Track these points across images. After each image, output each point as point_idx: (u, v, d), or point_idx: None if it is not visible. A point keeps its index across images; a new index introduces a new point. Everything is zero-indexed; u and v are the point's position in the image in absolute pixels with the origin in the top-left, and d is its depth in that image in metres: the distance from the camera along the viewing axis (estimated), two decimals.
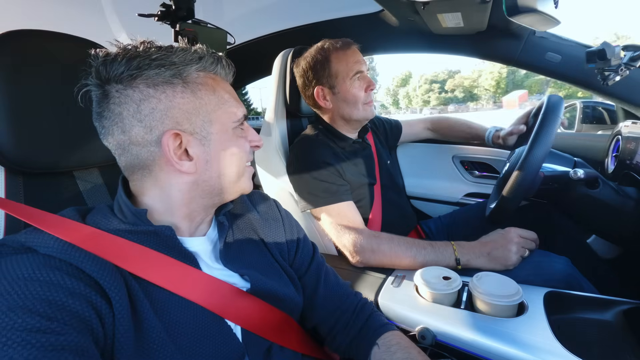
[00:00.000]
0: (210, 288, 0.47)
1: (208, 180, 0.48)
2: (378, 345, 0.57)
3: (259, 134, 1.10)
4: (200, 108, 0.46)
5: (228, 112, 0.49)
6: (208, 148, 0.47)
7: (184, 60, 0.45)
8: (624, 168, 0.85)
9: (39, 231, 0.40)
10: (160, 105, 0.44)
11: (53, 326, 0.33)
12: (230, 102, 0.49)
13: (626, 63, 0.79)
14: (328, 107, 0.99)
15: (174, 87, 0.44)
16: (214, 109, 0.47)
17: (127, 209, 0.46)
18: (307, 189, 0.94)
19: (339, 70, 0.95)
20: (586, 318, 0.63)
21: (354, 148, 1.05)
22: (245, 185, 0.54)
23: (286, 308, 0.56)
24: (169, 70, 0.44)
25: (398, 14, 1.14)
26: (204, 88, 0.47)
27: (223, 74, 0.51)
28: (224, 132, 0.48)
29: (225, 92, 0.49)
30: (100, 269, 0.39)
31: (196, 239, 0.51)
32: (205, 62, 0.47)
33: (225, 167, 0.49)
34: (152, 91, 0.43)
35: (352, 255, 0.87)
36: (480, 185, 1.40)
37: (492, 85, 29.87)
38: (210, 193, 0.50)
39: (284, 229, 0.63)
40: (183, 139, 0.45)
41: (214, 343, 0.45)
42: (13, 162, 0.51)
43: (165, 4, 1.14)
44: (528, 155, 0.71)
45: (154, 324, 0.41)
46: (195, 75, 0.46)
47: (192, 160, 0.46)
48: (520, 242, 0.80)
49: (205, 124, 0.47)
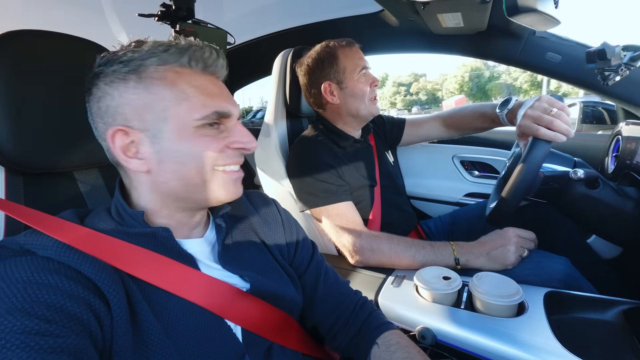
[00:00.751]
0: (210, 288, 0.47)
1: (166, 182, 0.46)
2: (378, 345, 0.57)
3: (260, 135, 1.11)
4: (154, 104, 0.43)
5: (189, 108, 0.44)
6: (159, 147, 0.44)
7: (143, 55, 0.43)
8: (624, 168, 0.85)
9: (38, 233, 0.40)
10: (113, 102, 0.43)
11: (52, 329, 0.33)
12: (196, 97, 0.44)
13: (626, 63, 0.79)
14: (335, 102, 0.99)
15: (126, 83, 0.43)
16: (171, 105, 0.44)
17: (124, 211, 0.46)
18: (307, 189, 0.94)
19: (346, 66, 0.97)
20: (586, 318, 0.63)
21: (355, 148, 1.05)
22: (219, 193, 0.48)
23: (286, 307, 0.56)
24: (126, 66, 0.43)
25: (398, 14, 1.14)
26: (160, 83, 0.43)
27: (199, 68, 0.47)
28: (181, 131, 0.44)
29: (191, 87, 0.45)
30: (99, 271, 0.39)
31: (193, 240, 0.51)
32: (169, 55, 0.44)
33: (181, 170, 0.45)
34: (108, 88, 0.43)
35: (352, 255, 0.87)
36: (480, 185, 1.40)
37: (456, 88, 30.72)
38: (174, 196, 0.47)
39: (284, 229, 0.63)
40: (133, 137, 0.44)
41: (213, 344, 0.45)
42: (13, 162, 0.51)
43: (165, 4, 1.15)
44: (527, 156, 0.71)
45: (152, 326, 0.41)
46: (152, 69, 0.44)
47: (143, 159, 0.44)
48: (518, 241, 0.80)
49: (159, 121, 0.43)
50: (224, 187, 0.48)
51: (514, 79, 28.85)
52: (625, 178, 0.84)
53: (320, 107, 1.05)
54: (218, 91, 0.47)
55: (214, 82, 0.48)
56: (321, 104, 1.03)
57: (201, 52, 0.46)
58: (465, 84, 30.96)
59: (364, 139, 1.09)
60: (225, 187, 0.48)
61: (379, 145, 1.17)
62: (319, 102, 1.03)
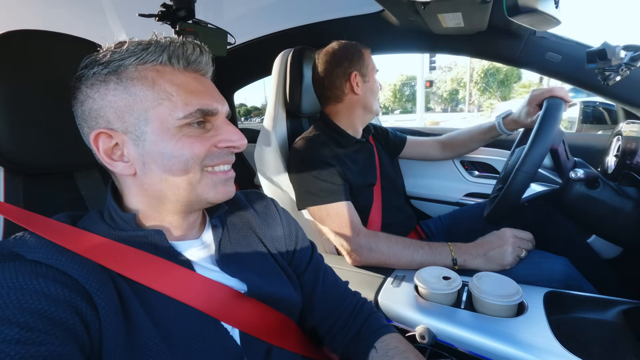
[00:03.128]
0: (205, 291, 0.46)
1: (152, 184, 0.44)
2: (376, 349, 0.56)
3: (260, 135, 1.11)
4: (135, 105, 0.42)
5: (171, 107, 0.42)
6: (142, 149, 0.43)
7: (122, 55, 0.42)
8: (624, 168, 0.85)
9: (28, 236, 0.40)
10: (95, 105, 0.43)
11: (34, 336, 0.32)
12: (178, 96, 0.43)
13: (627, 63, 0.79)
14: (358, 93, 1.01)
15: (107, 84, 0.42)
16: (152, 105, 0.42)
17: (116, 213, 0.45)
18: (307, 187, 0.94)
19: (369, 63, 1.03)
20: (586, 318, 0.63)
21: (356, 148, 1.05)
22: (209, 194, 0.47)
23: (285, 309, 0.55)
24: (105, 68, 0.42)
25: (398, 14, 1.14)
26: (139, 83, 0.42)
27: (181, 65, 0.45)
28: (163, 131, 0.43)
29: (173, 85, 0.43)
30: (88, 273, 0.38)
31: (189, 242, 0.50)
32: (148, 53, 0.43)
33: (167, 172, 0.44)
34: (90, 91, 0.43)
35: (350, 254, 0.87)
36: (480, 185, 1.40)
37: (390, 96, 31.62)
38: (162, 199, 0.46)
39: (282, 228, 0.63)
40: (117, 139, 0.43)
41: (210, 347, 0.44)
42: (12, 163, 0.51)
43: (165, 4, 1.15)
44: (525, 158, 0.72)
45: (147, 328, 0.40)
46: (131, 69, 0.42)
47: (128, 162, 0.44)
48: (516, 242, 0.80)
49: (141, 122, 0.42)
50: (213, 189, 0.47)
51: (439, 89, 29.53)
52: (625, 178, 0.84)
53: (337, 99, 1.03)
54: (202, 88, 0.45)
55: (197, 79, 0.46)
56: (340, 96, 1.02)
57: (182, 48, 0.44)
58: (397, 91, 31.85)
59: (365, 139, 1.09)
60: (215, 189, 0.47)
61: (379, 147, 1.18)
62: (338, 94, 1.02)
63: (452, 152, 1.30)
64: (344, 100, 1.02)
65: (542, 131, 0.72)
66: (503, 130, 1.12)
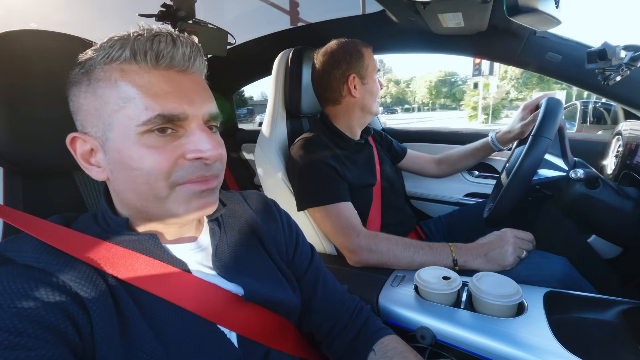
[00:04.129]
0: (201, 294, 0.45)
1: (123, 192, 0.42)
2: (374, 351, 0.56)
3: (259, 135, 1.11)
4: (101, 109, 0.39)
5: (131, 112, 0.38)
6: (109, 156, 0.40)
7: (95, 53, 0.39)
8: (624, 168, 0.85)
9: (19, 239, 0.39)
10: (73, 108, 0.42)
11: (23, 341, 0.31)
12: (138, 99, 0.38)
13: (627, 63, 0.79)
14: (356, 96, 1.00)
15: (79, 86, 0.40)
16: (114, 109, 0.38)
17: (109, 217, 0.44)
18: (306, 188, 0.94)
19: (369, 64, 1.01)
20: (586, 318, 0.63)
21: (355, 149, 1.05)
22: (178, 210, 0.41)
23: (283, 312, 0.54)
24: (82, 68, 0.40)
25: (398, 14, 1.14)
26: (104, 84, 0.39)
27: (148, 61, 0.39)
28: (123, 139, 0.39)
29: (134, 86, 0.38)
30: (79, 276, 0.37)
31: (185, 245, 0.48)
32: (113, 50, 0.38)
33: (131, 183, 0.40)
34: (69, 93, 0.42)
35: (350, 255, 0.87)
36: (480, 185, 1.40)
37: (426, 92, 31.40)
38: (135, 208, 0.43)
39: (283, 230, 0.62)
40: (91, 144, 0.41)
41: (207, 351, 0.43)
42: (12, 163, 0.51)
43: (165, 4, 1.15)
44: (523, 160, 0.72)
45: (143, 331, 0.39)
46: (99, 70, 0.39)
47: (101, 167, 0.42)
48: (516, 243, 0.80)
49: (106, 127, 0.39)
50: (185, 204, 0.41)
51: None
52: (625, 178, 0.84)
53: (335, 101, 1.03)
54: (170, 89, 0.39)
55: (168, 78, 0.40)
56: (338, 98, 1.02)
57: (149, 42, 0.38)
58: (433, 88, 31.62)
59: (365, 140, 1.09)
60: (187, 204, 0.42)
61: (379, 148, 1.18)
62: (336, 96, 1.01)
63: (448, 169, 1.31)
64: (342, 102, 1.02)
65: (544, 123, 0.73)
66: (496, 145, 1.17)
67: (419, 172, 1.33)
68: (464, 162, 1.27)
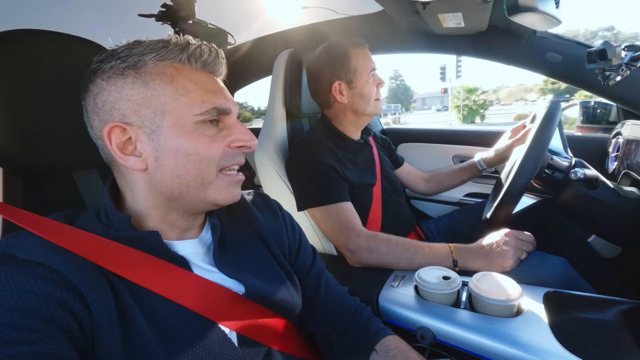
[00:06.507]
0: (202, 292, 0.45)
1: (162, 181, 0.44)
2: (376, 351, 0.56)
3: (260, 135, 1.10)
4: (152, 99, 0.43)
5: (188, 103, 0.43)
6: (157, 143, 0.43)
7: (142, 51, 0.43)
8: (624, 168, 0.85)
9: (21, 235, 0.39)
10: (111, 98, 0.43)
11: (25, 336, 0.32)
12: (195, 93, 0.44)
13: (627, 63, 0.79)
14: (343, 102, 1.00)
15: (124, 78, 0.43)
16: (170, 100, 0.43)
17: (112, 213, 0.45)
18: (306, 189, 0.94)
19: (357, 67, 0.98)
20: (586, 318, 0.63)
21: (355, 149, 1.05)
22: (220, 196, 0.47)
23: (284, 312, 0.54)
24: (124, 62, 0.43)
25: (399, 14, 1.14)
26: (158, 78, 0.43)
27: (198, 65, 0.46)
28: (179, 127, 0.43)
29: (190, 82, 0.44)
30: (80, 271, 0.38)
31: (187, 242, 0.49)
32: (168, 51, 0.44)
33: (179, 169, 0.44)
34: (105, 84, 0.43)
35: (350, 255, 0.87)
36: (480, 185, 1.40)
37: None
38: (169, 197, 0.45)
39: (286, 228, 0.62)
40: (131, 133, 0.43)
41: (207, 349, 0.43)
42: (11, 162, 0.51)
43: (165, 4, 1.14)
44: (523, 163, 0.72)
45: (144, 329, 0.39)
46: (151, 65, 0.43)
47: (141, 156, 0.43)
48: (517, 244, 0.80)
49: (157, 116, 0.43)
50: (225, 190, 0.47)
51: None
52: (625, 178, 0.84)
53: (327, 106, 1.04)
54: (217, 88, 0.47)
55: (213, 80, 0.48)
56: (328, 103, 1.03)
57: (200, 50, 0.46)
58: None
59: (365, 140, 1.09)
60: (226, 190, 0.47)
61: (379, 148, 1.18)
62: (327, 101, 1.02)
63: (435, 187, 1.31)
64: (333, 107, 1.03)
65: (543, 128, 0.73)
66: (483, 166, 1.19)
67: (408, 186, 1.33)
68: (451, 180, 1.28)
